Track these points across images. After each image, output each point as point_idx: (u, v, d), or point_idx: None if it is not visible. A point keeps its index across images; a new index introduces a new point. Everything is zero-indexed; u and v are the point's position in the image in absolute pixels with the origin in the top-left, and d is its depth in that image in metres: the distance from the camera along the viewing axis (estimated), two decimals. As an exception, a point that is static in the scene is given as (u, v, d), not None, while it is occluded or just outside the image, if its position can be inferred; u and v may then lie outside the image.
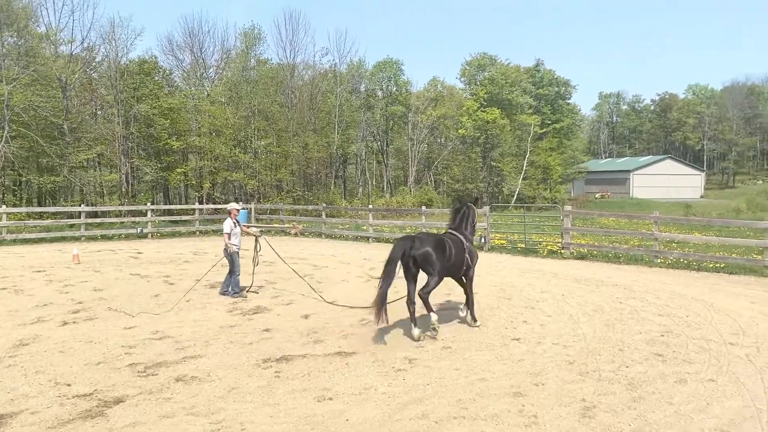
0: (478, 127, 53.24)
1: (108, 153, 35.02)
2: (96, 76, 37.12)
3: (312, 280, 13.55)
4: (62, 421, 5.52)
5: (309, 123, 44.38)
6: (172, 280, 13.46)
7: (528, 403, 5.97)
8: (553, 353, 7.71)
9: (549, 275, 14.26)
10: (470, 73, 60.04)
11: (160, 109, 35.57)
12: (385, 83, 55.28)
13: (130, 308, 10.42)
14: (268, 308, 10.49)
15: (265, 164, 40.52)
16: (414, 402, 6.01)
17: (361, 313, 10.01)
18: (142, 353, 7.70)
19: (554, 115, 64.67)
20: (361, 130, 52.67)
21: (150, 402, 6.01)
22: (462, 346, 8.03)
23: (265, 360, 7.40)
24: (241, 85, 40.88)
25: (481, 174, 55.35)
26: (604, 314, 9.94)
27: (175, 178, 37.47)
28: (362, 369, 7.07)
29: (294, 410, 5.79)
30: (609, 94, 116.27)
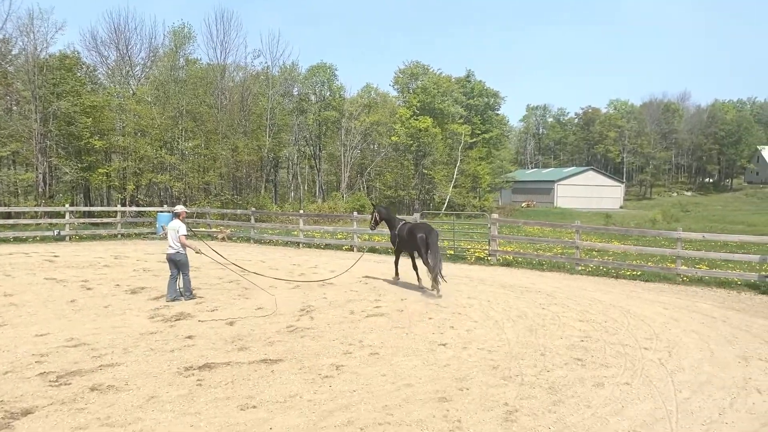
0: (410, 135, 53.89)
1: (24, 151, 33.20)
2: (12, 69, 35.10)
3: (239, 286, 13.30)
4: (-38, 436, 5.16)
5: (239, 125, 43.61)
6: (90, 285, 12.85)
7: (453, 408, 6.04)
8: (478, 358, 7.85)
9: (476, 281, 14.54)
10: (403, 81, 60.80)
11: (82, 107, 34.03)
12: (318, 87, 55.15)
13: (42, 315, 9.88)
14: (191, 314, 10.18)
15: (193, 166, 39.48)
16: (340, 409, 5.97)
17: (288, 320, 9.88)
18: (54, 361, 7.30)
19: (484, 126, 66.34)
20: (293, 134, 52.27)
21: (62, 413, 5.70)
22: (389, 352, 8.05)
23: (187, 368, 7.17)
24: (168, 84, 39.71)
25: (413, 181, 56.00)
26: (527, 320, 10.21)
27: (97, 178, 35.87)
28: (288, 376, 6.96)
29: (216, 419, 5.64)
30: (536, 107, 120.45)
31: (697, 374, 7.36)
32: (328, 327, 9.42)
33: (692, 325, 10.07)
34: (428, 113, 55.45)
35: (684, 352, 8.33)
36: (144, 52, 42.19)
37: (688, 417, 5.99)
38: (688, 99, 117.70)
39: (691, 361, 7.93)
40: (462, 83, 66.53)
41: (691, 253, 15.85)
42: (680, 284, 14.61)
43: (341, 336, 8.87)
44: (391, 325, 9.60)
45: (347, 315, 10.36)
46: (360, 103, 55.88)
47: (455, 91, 61.48)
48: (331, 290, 12.88)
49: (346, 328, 9.40)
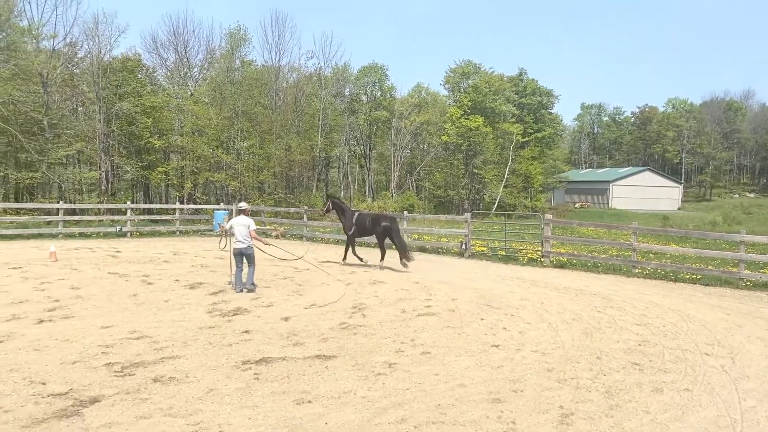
0: (461, 135, 53.53)
1: (88, 150, 34.62)
2: (78, 72, 36.65)
3: (293, 282, 13.54)
4: (37, 420, 5.44)
5: (293, 125, 44.27)
6: (150, 280, 13.31)
7: (506, 410, 6.01)
8: (532, 360, 7.77)
9: (528, 283, 14.37)
10: (454, 80, 60.44)
11: (142, 108, 35.27)
12: (369, 88, 55.40)
13: (106, 308, 10.31)
14: (248, 310, 10.43)
15: (248, 165, 40.35)
16: (393, 406, 6.02)
17: (340, 317, 10.00)
18: (119, 353, 7.61)
19: (536, 125, 65.29)
20: (344, 134, 52.69)
21: (127, 402, 5.94)
22: (441, 352, 8.05)
23: (244, 362, 7.36)
24: (225, 85, 40.67)
25: (462, 181, 55.63)
26: (582, 322, 10.04)
27: (156, 177, 37.13)
28: (342, 373, 7.06)
29: (273, 413, 5.77)
30: (590, 106, 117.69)
31: (762, 383, 7.09)
32: (380, 325, 9.49)
33: (757, 331, 9.70)
34: (479, 112, 54.96)
35: (748, 360, 8.03)
36: (201, 54, 43.35)
37: (753, 427, 5.78)
38: (752, 97, 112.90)
39: (756, 369, 7.64)
40: (514, 82, 65.64)
41: (755, 257, 15.26)
42: (743, 289, 14.08)
43: (393, 334, 8.93)
44: (443, 325, 9.60)
45: (398, 313, 10.41)
46: (410, 103, 55.84)
47: (507, 90, 60.73)
48: (381, 288, 12.97)
49: (398, 326, 9.45)
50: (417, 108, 55.62)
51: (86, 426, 5.35)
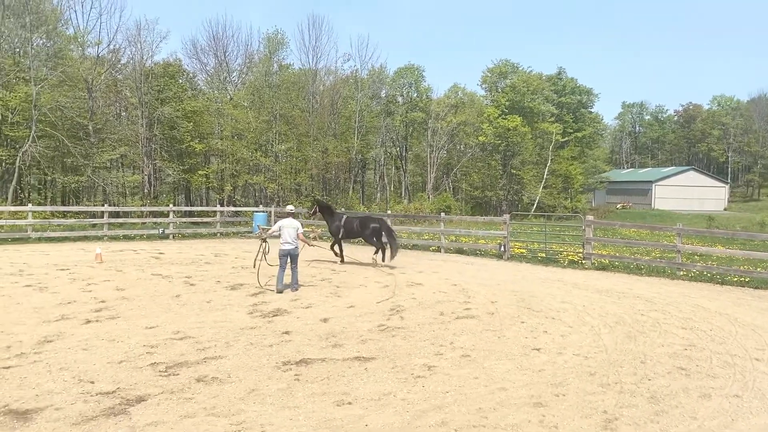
0: (498, 135, 53.08)
1: (131, 154, 35.51)
2: (121, 77, 37.66)
3: (330, 284, 13.62)
4: (86, 418, 5.59)
5: (329, 128, 44.61)
6: (193, 281, 13.57)
7: (549, 414, 5.92)
8: (573, 364, 7.65)
9: (570, 285, 14.15)
10: (491, 80, 59.96)
11: (183, 112, 36.05)
12: (405, 89, 55.34)
13: (150, 309, 10.54)
14: (287, 311, 10.53)
15: (285, 168, 40.80)
16: (433, 409, 5.99)
17: (379, 319, 10.01)
18: (163, 353, 7.77)
19: (576, 124, 64.28)
20: (380, 136, 52.77)
21: (171, 402, 6.06)
22: (481, 355, 7.98)
23: (285, 363, 7.43)
24: (263, 89, 41.25)
25: (500, 182, 55.15)
26: (625, 326, 9.83)
27: (197, 180, 37.89)
28: (381, 374, 7.06)
29: (314, 414, 5.81)
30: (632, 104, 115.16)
31: (817, 390, 6.82)
32: (419, 327, 9.47)
33: (811, 336, 9.34)
34: (517, 112, 54.40)
35: (802, 366, 7.74)
36: (240, 58, 44.10)
37: (808, 435, 5.57)
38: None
39: (810, 375, 7.36)
40: (553, 81, 64.76)
41: (808, 259, 14.69)
42: (795, 292, 13.58)
43: (432, 337, 8.89)
44: (482, 328, 9.52)
45: (437, 316, 10.37)
46: (447, 104, 55.59)
47: (546, 89, 59.94)
48: (419, 290, 12.94)
49: (437, 329, 9.42)
50: (453, 108, 55.34)
51: (133, 424, 5.48)
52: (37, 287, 12.37)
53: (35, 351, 7.71)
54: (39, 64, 30.92)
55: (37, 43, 32.00)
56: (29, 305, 10.54)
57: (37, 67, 30.52)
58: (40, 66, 30.89)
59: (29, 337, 8.35)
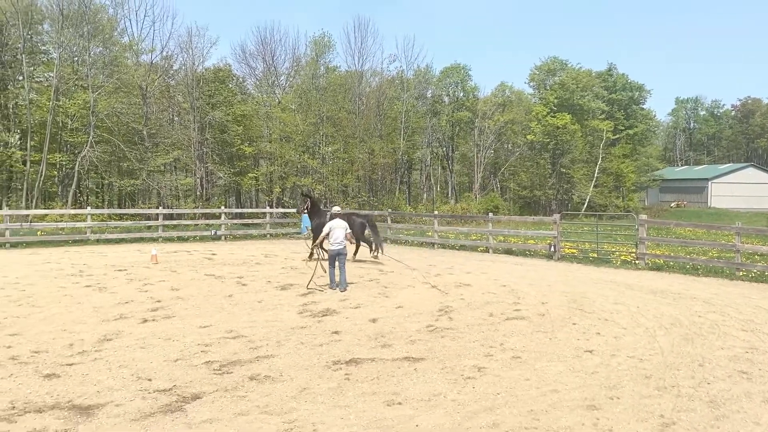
0: (547, 133, 52.26)
1: (184, 158, 36.49)
2: (173, 83, 38.78)
3: (378, 284, 13.67)
4: (144, 414, 5.76)
5: (375, 129, 44.78)
6: (244, 281, 13.85)
7: (603, 417, 5.80)
8: (628, 366, 7.47)
9: (623, 286, 13.82)
10: (539, 77, 59.10)
11: (233, 116, 36.84)
12: (452, 89, 55.09)
13: (204, 308, 10.81)
14: (336, 311, 10.63)
15: (332, 170, 41.18)
16: (484, 411, 5.95)
17: (427, 319, 10.00)
18: (217, 351, 7.95)
19: (628, 121, 62.67)
20: (426, 136, 52.67)
21: (226, 399, 6.19)
22: (532, 357, 7.88)
23: (335, 362, 7.51)
24: (310, 92, 41.74)
25: (549, 181, 54.28)
26: (682, 328, 9.54)
27: (247, 182, 38.66)
28: (430, 375, 7.05)
29: (364, 413, 5.84)
30: (686, 99, 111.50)
31: None
32: (468, 328, 9.41)
33: None
34: (566, 110, 53.42)
35: None
36: (288, 62, 44.68)
37: None
38: None
39: None
40: (603, 77, 63.29)
41: None
42: None
43: (481, 338, 8.83)
44: (533, 329, 9.40)
45: (486, 317, 10.28)
46: (494, 102, 55.07)
47: (596, 86, 58.65)
48: (467, 291, 12.86)
49: (486, 330, 9.34)
50: (501, 107, 54.77)
51: (189, 421, 5.62)
52: (97, 287, 12.85)
53: (96, 349, 8.00)
54: (96, 72, 32.13)
55: (94, 52, 33.25)
56: (89, 305, 10.96)
57: (94, 74, 31.72)
58: (97, 74, 32.10)
59: (90, 336, 8.67)
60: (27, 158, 29.97)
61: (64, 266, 16.16)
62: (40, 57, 34.46)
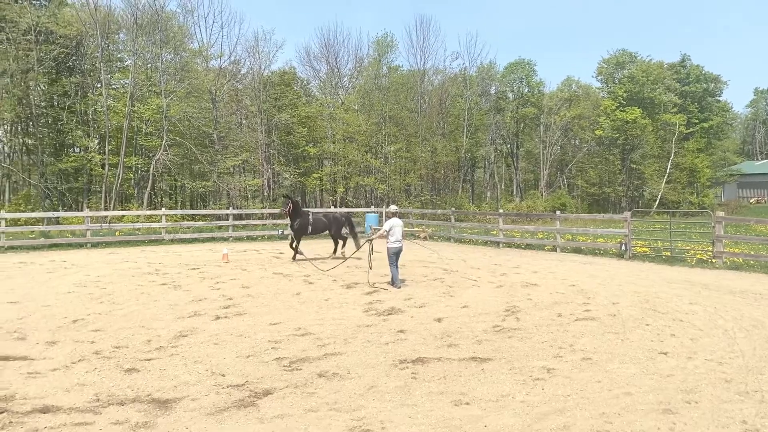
0: (616, 128, 50.64)
1: (252, 159, 37.48)
2: (241, 87, 39.86)
3: (443, 284, 13.63)
4: (219, 409, 5.97)
5: (438, 127, 44.64)
6: (311, 280, 14.10)
7: (679, 422, 5.60)
8: (706, 369, 7.17)
9: (699, 286, 13.25)
10: (608, 71, 57.29)
11: (298, 118, 37.58)
12: (516, 85, 54.22)
13: (273, 306, 11.08)
14: (401, 310, 10.67)
15: (395, 169, 41.32)
16: (554, 413, 5.85)
17: (494, 320, 9.90)
18: (286, 348, 8.14)
19: (702, 114, 59.90)
20: (490, 133, 52.07)
21: (296, 395, 6.34)
22: (603, 358, 7.68)
23: (402, 361, 7.54)
24: (373, 92, 42.01)
25: (619, 177, 52.59)
26: (764, 330, 9.07)
27: (312, 183, 39.33)
28: (498, 376, 6.99)
29: (432, 413, 5.85)
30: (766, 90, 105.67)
31: None
32: (536, 329, 9.26)
33: None
34: (636, 103, 51.57)
35: None
36: (351, 63, 45.18)
37: None
38: None
39: None
40: (675, 69, 60.69)
41: None
42: None
43: (550, 339, 8.67)
44: (604, 330, 9.15)
45: (554, 317, 10.09)
46: (560, 98, 53.85)
47: (667, 78, 56.35)
48: (535, 291, 12.65)
49: (555, 330, 9.16)
50: (567, 102, 53.50)
51: (261, 416, 5.79)
52: (172, 285, 13.38)
53: (172, 345, 8.33)
54: (168, 78, 33.39)
55: (166, 59, 34.56)
56: (165, 302, 11.43)
57: (166, 80, 32.99)
58: (169, 79, 33.35)
59: (166, 332, 9.05)
60: (105, 162, 31.49)
61: (141, 265, 16.91)
62: (116, 65, 36.15)
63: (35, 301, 11.46)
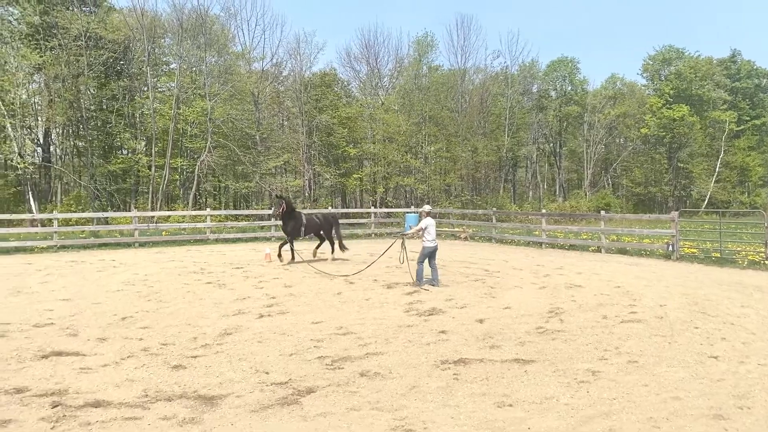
0: (662, 126, 49.42)
1: (293, 160, 37.93)
2: (283, 89, 40.38)
3: (484, 284, 13.53)
4: (263, 406, 6.05)
5: (478, 127, 44.33)
6: (351, 279, 14.18)
7: (731, 428, 5.43)
8: (759, 374, 6.93)
9: (751, 288, 12.82)
10: (654, 67, 55.96)
11: (338, 119, 37.84)
12: (559, 83, 53.44)
13: (315, 305, 11.18)
14: (442, 310, 10.64)
15: (435, 169, 41.21)
16: (600, 416, 5.74)
17: (536, 321, 9.78)
18: (328, 347, 8.20)
19: (754, 111, 57.92)
20: (532, 132, 51.46)
21: (338, 394, 6.38)
22: (650, 361, 7.50)
23: (443, 361, 7.52)
24: (413, 92, 42.01)
25: (666, 176, 51.30)
26: (822, 335, 8.72)
27: (352, 183, 39.56)
28: (542, 378, 6.90)
29: (474, 414, 5.82)
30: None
31: None
32: (580, 331, 9.10)
33: None
34: (684, 101, 50.21)
35: None
36: (391, 63, 45.23)
37: None
38: None
39: None
40: (725, 65, 58.84)
41: None
42: None
43: (594, 341, 8.51)
44: (651, 333, 8.94)
45: (599, 319, 9.90)
46: (604, 95, 52.83)
47: (717, 74, 54.70)
48: (579, 292, 12.44)
49: (599, 332, 8.99)
50: (612, 100, 52.46)
51: (305, 414, 5.85)
52: (217, 284, 13.64)
53: (217, 342, 8.49)
54: (212, 81, 34.08)
55: (210, 62, 35.28)
56: (210, 300, 11.66)
57: (210, 83, 33.68)
58: (213, 82, 34.04)
59: (212, 330, 9.23)
60: (152, 163, 32.34)
61: (186, 264, 17.30)
62: (162, 68, 37.08)
63: (86, 298, 11.84)
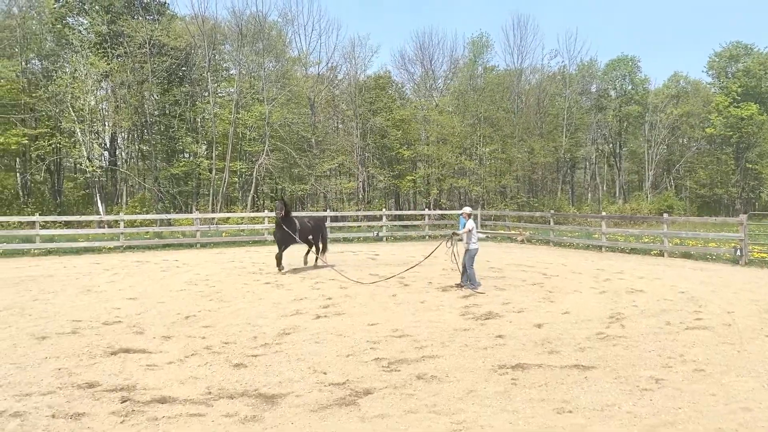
0: (729, 125, 47.49)
1: (347, 163, 38.31)
2: (337, 92, 40.85)
3: (542, 288, 13.32)
4: (322, 406, 6.14)
5: (535, 127, 43.65)
6: (406, 282, 14.21)
7: (808, 443, 5.17)
8: (838, 388, 6.57)
9: (827, 296, 12.17)
10: (720, 65, 53.82)
11: (392, 121, 37.99)
12: (618, 82, 52.07)
13: (370, 306, 11.26)
14: (499, 314, 10.53)
15: (490, 170, 40.82)
16: (664, 425, 5.56)
17: (597, 326, 9.55)
18: (384, 349, 8.24)
19: (829, 108, 54.93)
20: (591, 133, 50.29)
21: (395, 396, 6.40)
22: (718, 370, 7.22)
23: (501, 366, 7.44)
24: (467, 93, 41.72)
25: (733, 177, 49.23)
26: None
27: (405, 185, 39.62)
28: (602, 384, 6.74)
29: (533, 419, 5.74)
30: None
31: None
32: (642, 337, 8.84)
33: None
34: (752, 99, 48.11)
35: None
36: (445, 65, 45.08)
37: None
38: None
39: None
40: (798, 60, 56.10)
41: None
42: None
43: (658, 348, 8.26)
44: (718, 341, 8.60)
45: (662, 326, 9.59)
46: (666, 94, 51.15)
47: (788, 71, 52.18)
48: (640, 297, 12.09)
49: (663, 339, 8.72)
50: (674, 99, 50.74)
51: (362, 415, 5.90)
52: (275, 284, 13.92)
53: (276, 342, 8.66)
54: (270, 85, 34.79)
55: (268, 67, 36.04)
56: (269, 301, 11.91)
57: (268, 88, 34.39)
58: (270, 87, 34.75)
59: (271, 329, 9.42)
60: (212, 167, 33.27)
61: (246, 265, 17.71)
62: (222, 74, 38.11)
63: (151, 297, 12.28)
